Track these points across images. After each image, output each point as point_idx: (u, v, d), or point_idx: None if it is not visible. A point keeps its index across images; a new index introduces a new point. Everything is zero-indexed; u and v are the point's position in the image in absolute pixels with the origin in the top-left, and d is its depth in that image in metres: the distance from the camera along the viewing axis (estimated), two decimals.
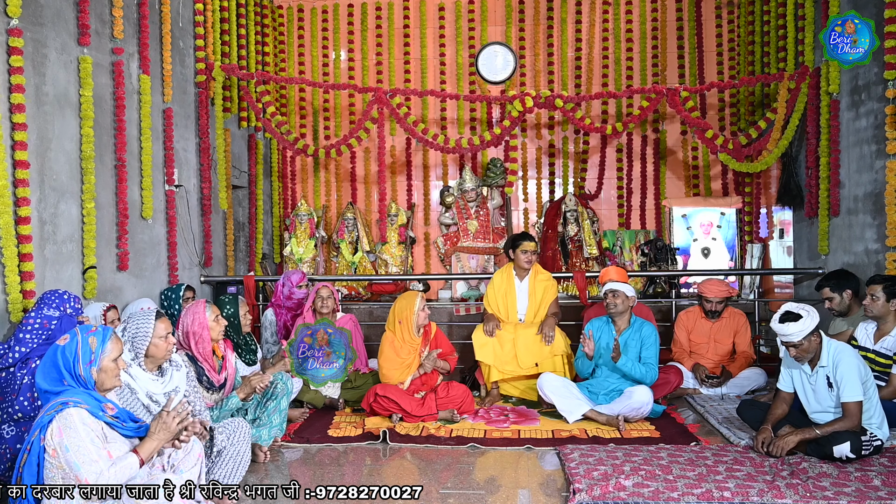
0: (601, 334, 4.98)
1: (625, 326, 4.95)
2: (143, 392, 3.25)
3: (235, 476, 3.34)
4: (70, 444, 2.54)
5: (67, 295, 3.95)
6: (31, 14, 4.29)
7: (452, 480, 3.59)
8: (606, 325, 5.03)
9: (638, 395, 4.64)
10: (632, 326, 4.95)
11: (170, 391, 3.35)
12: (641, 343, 4.89)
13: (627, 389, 4.73)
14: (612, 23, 8.43)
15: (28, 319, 3.78)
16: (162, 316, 3.37)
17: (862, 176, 5.65)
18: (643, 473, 3.49)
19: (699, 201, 8.04)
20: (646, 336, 4.89)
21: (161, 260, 5.81)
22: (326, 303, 5.23)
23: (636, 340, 4.91)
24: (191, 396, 3.52)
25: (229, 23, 7.03)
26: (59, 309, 3.86)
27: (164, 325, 3.32)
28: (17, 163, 4.08)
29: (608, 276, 5.02)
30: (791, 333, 3.72)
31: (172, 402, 2.90)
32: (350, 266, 7.82)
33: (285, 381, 4.15)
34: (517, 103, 6.62)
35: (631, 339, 4.91)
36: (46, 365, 2.73)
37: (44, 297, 3.92)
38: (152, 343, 3.28)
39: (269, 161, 8.25)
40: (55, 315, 3.83)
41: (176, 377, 3.41)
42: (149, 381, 3.29)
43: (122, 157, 5.15)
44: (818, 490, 3.26)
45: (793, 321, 3.72)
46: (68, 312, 3.88)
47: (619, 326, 4.96)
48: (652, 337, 4.89)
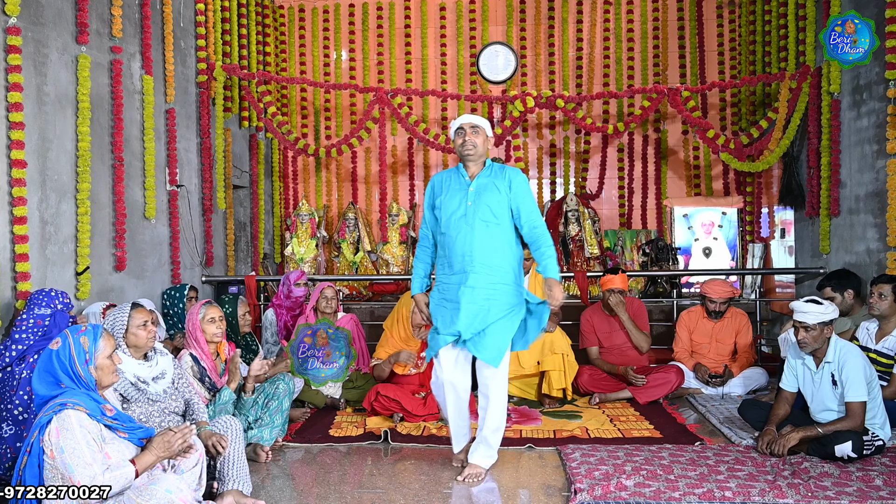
0: (447, 192, 3.71)
1: (478, 170, 3.70)
2: (130, 373, 3.28)
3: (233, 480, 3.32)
4: (66, 446, 2.54)
5: (55, 292, 3.99)
6: (31, 14, 4.29)
7: (454, 481, 3.59)
8: (456, 174, 3.75)
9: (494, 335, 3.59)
10: (488, 170, 3.69)
11: (157, 375, 3.39)
12: (510, 191, 3.62)
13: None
14: (613, 22, 8.43)
15: (21, 322, 3.82)
16: (139, 306, 3.41)
17: (863, 175, 5.65)
18: (644, 473, 3.49)
19: (700, 201, 8.04)
20: (515, 183, 3.65)
21: (163, 260, 5.81)
22: (331, 303, 5.24)
23: (495, 188, 3.62)
24: (179, 383, 3.54)
25: (230, 23, 7.04)
26: (49, 306, 3.90)
27: (140, 314, 3.36)
28: (14, 162, 4.08)
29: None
30: (809, 312, 3.76)
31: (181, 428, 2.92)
32: (351, 266, 7.82)
33: (287, 382, 4.15)
34: (518, 103, 6.63)
35: (488, 186, 3.63)
36: (41, 371, 2.73)
37: (32, 298, 3.95)
38: (130, 332, 3.31)
39: (271, 161, 8.25)
40: (47, 313, 3.86)
41: (162, 362, 3.45)
42: (135, 365, 3.33)
43: (121, 156, 5.15)
44: (820, 490, 3.25)
45: (816, 304, 3.79)
46: (59, 308, 3.92)
47: (472, 172, 3.69)
48: (525, 184, 3.68)
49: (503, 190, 3.63)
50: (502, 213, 3.63)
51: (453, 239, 3.63)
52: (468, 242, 3.59)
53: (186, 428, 2.88)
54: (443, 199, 3.71)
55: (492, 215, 3.61)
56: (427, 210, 3.84)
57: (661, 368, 5.30)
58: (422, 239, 3.89)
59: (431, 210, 3.81)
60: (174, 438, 2.81)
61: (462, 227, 3.61)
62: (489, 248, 3.59)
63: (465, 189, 3.67)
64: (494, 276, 3.59)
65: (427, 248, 3.87)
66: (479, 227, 3.59)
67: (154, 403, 3.33)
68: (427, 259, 3.88)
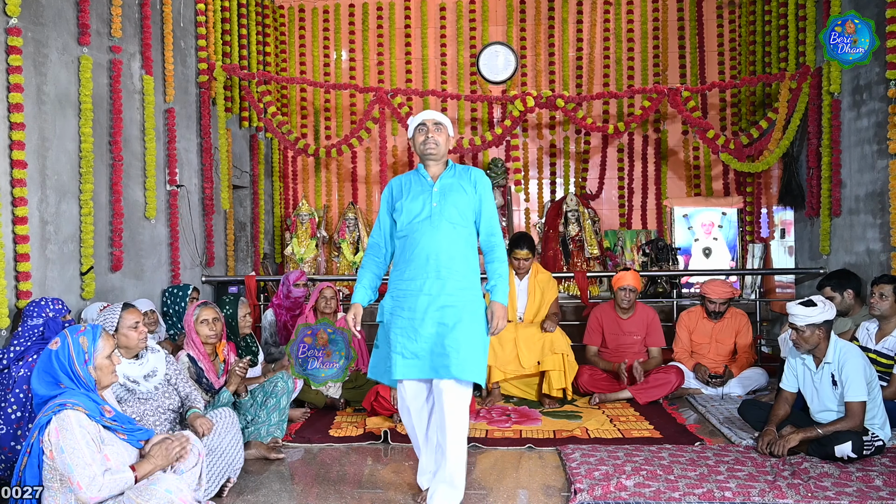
0: (408, 194, 3.44)
1: (440, 171, 3.46)
2: (120, 374, 3.28)
3: (226, 470, 3.35)
4: (65, 446, 2.54)
5: (45, 300, 4.01)
6: (32, 14, 4.29)
7: None
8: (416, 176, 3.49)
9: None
10: (451, 170, 3.47)
11: (147, 373, 3.41)
12: (476, 191, 3.43)
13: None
14: (613, 23, 8.43)
15: (17, 337, 3.84)
16: (130, 307, 3.42)
17: (863, 176, 5.65)
18: (644, 473, 3.49)
19: (700, 201, 8.04)
20: (480, 185, 3.46)
21: (162, 260, 5.81)
22: (330, 303, 5.24)
23: (461, 189, 3.41)
24: (174, 379, 3.56)
25: (230, 23, 7.03)
26: (40, 316, 3.93)
27: (132, 315, 3.38)
28: (15, 162, 4.08)
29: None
30: (797, 315, 3.77)
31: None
32: (351, 266, 7.82)
33: (286, 380, 4.15)
34: (518, 103, 6.62)
35: (453, 186, 3.41)
36: (40, 371, 2.73)
37: (26, 311, 3.98)
38: (121, 333, 3.33)
39: (271, 161, 8.25)
40: (39, 323, 3.90)
41: (153, 359, 3.47)
42: (125, 365, 3.34)
43: (121, 156, 5.15)
44: (820, 490, 3.25)
45: (807, 306, 3.79)
46: (51, 316, 3.94)
47: (434, 172, 3.45)
48: (489, 187, 3.50)
49: (469, 190, 3.40)
50: (469, 214, 3.38)
51: (416, 241, 3.32)
52: (433, 245, 3.29)
53: (184, 438, 2.90)
54: (403, 203, 3.40)
55: (458, 216, 3.34)
56: (384, 215, 3.50)
57: (661, 369, 5.31)
58: (372, 247, 3.51)
59: (389, 215, 3.49)
60: (172, 447, 2.83)
61: (426, 230, 3.32)
62: (455, 251, 3.31)
63: (428, 190, 3.39)
64: (460, 282, 3.28)
65: (377, 258, 3.49)
66: (446, 229, 3.31)
67: (146, 402, 3.34)
68: (376, 270, 3.48)
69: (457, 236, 3.33)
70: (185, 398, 3.57)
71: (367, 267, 3.50)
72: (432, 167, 3.45)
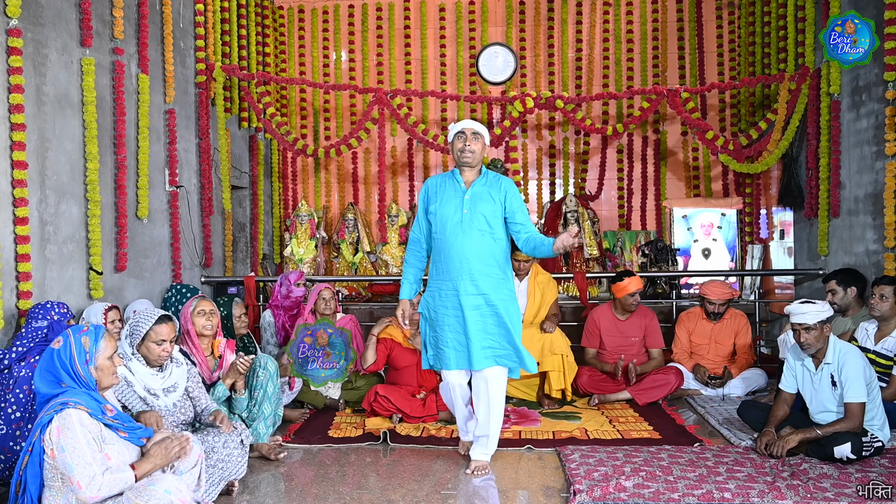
0: (442, 198, 3.73)
1: (474, 177, 3.74)
2: (141, 385, 3.28)
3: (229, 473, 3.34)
4: (66, 445, 2.54)
5: (50, 304, 4.02)
6: (31, 15, 4.29)
7: (453, 482, 3.59)
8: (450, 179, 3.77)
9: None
10: (484, 178, 3.73)
11: (168, 387, 3.39)
12: (505, 201, 3.69)
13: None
14: (612, 24, 8.44)
15: (20, 338, 3.84)
16: (168, 321, 3.37)
17: (862, 177, 5.65)
18: (644, 474, 3.49)
19: (700, 202, 8.04)
20: (510, 194, 3.72)
21: (162, 260, 5.81)
22: (329, 304, 5.23)
23: (490, 198, 3.67)
24: (195, 392, 3.54)
25: (230, 23, 7.03)
26: (45, 318, 3.94)
27: (165, 329, 3.34)
28: (16, 163, 4.08)
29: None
30: (807, 312, 3.77)
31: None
32: (350, 267, 7.82)
33: (266, 366, 4.01)
34: (518, 104, 6.63)
35: (483, 195, 3.67)
36: (42, 369, 2.74)
37: (30, 313, 3.98)
38: (145, 344, 3.33)
39: (270, 161, 8.25)
40: (44, 325, 3.91)
41: (176, 373, 3.45)
42: (147, 375, 3.33)
43: (125, 158, 5.15)
44: (819, 491, 3.26)
45: (810, 304, 3.82)
46: (55, 319, 3.96)
47: (468, 179, 3.73)
48: (519, 194, 3.77)
49: (498, 200, 3.66)
50: (496, 223, 3.67)
51: (449, 245, 3.64)
52: (464, 249, 3.61)
53: (184, 438, 2.89)
54: (437, 206, 3.71)
55: (486, 224, 3.63)
56: (421, 214, 3.81)
57: (661, 369, 5.31)
58: (413, 242, 3.86)
59: (426, 215, 3.79)
60: (171, 446, 2.82)
61: (458, 234, 3.62)
62: (485, 254, 3.63)
63: (460, 196, 3.67)
64: (492, 281, 3.65)
65: (418, 253, 3.85)
66: (475, 235, 3.62)
67: (161, 418, 3.32)
68: (419, 265, 3.86)
69: (486, 241, 3.65)
70: (200, 413, 3.55)
71: (410, 262, 3.86)
72: (467, 173, 3.73)
